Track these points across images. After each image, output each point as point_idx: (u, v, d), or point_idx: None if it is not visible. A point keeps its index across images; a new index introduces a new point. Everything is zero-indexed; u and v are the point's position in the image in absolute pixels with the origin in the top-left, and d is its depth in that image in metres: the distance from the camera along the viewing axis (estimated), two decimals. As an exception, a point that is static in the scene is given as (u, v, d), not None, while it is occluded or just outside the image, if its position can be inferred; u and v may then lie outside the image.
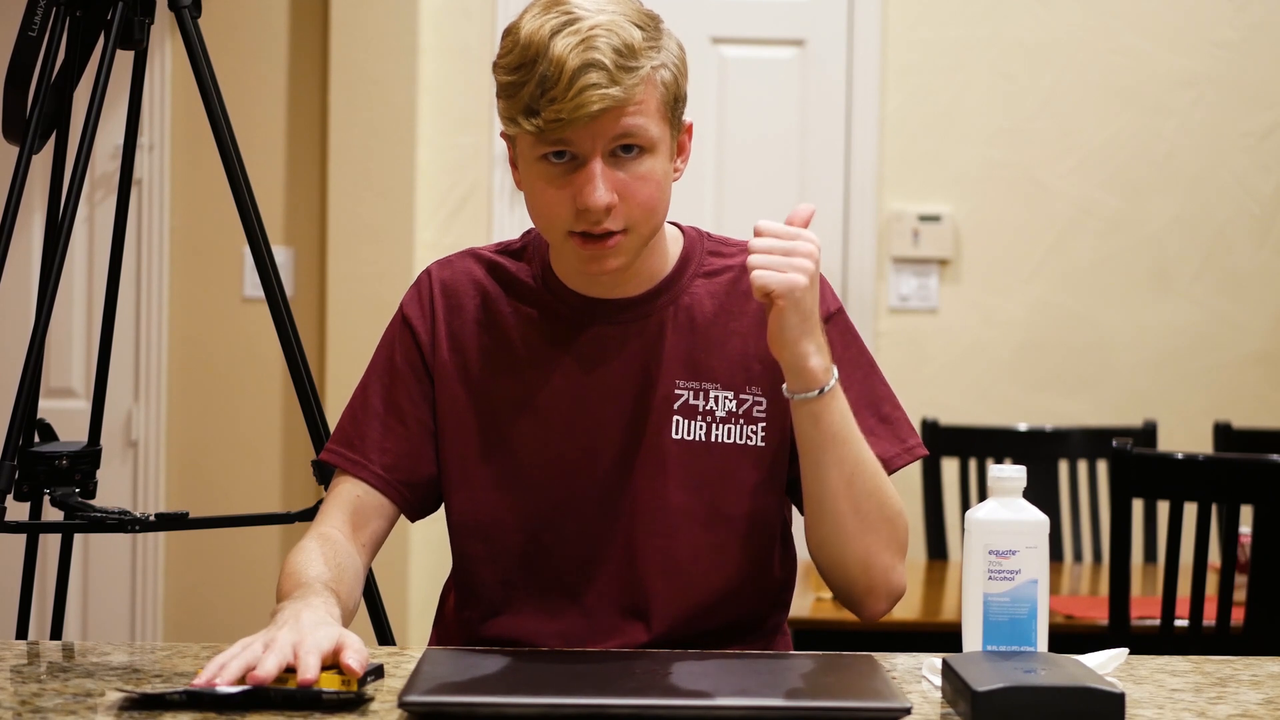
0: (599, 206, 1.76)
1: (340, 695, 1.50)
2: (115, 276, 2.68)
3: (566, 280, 1.91)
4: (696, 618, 1.88)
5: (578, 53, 1.73)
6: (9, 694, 1.57)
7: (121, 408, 4.53)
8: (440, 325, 1.92)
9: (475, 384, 1.90)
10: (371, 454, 1.90)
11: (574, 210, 1.78)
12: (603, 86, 1.73)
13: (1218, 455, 2.76)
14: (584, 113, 1.73)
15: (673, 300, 1.91)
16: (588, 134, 1.76)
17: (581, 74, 1.73)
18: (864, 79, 4.65)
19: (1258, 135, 4.66)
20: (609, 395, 1.88)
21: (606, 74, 1.73)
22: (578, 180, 1.77)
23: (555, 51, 1.73)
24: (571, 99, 1.73)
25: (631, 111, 1.76)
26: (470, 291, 1.93)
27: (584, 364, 1.88)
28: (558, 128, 1.74)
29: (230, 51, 4.41)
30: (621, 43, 1.75)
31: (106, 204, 4.46)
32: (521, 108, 1.75)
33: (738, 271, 1.92)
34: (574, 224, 1.79)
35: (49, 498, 2.56)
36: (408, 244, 4.53)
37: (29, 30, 2.51)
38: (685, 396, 1.88)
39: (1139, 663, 1.78)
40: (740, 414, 1.89)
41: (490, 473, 1.89)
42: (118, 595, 4.58)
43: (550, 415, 1.88)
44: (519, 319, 1.91)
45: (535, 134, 1.76)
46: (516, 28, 1.78)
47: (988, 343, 4.66)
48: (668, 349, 1.89)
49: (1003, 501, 1.69)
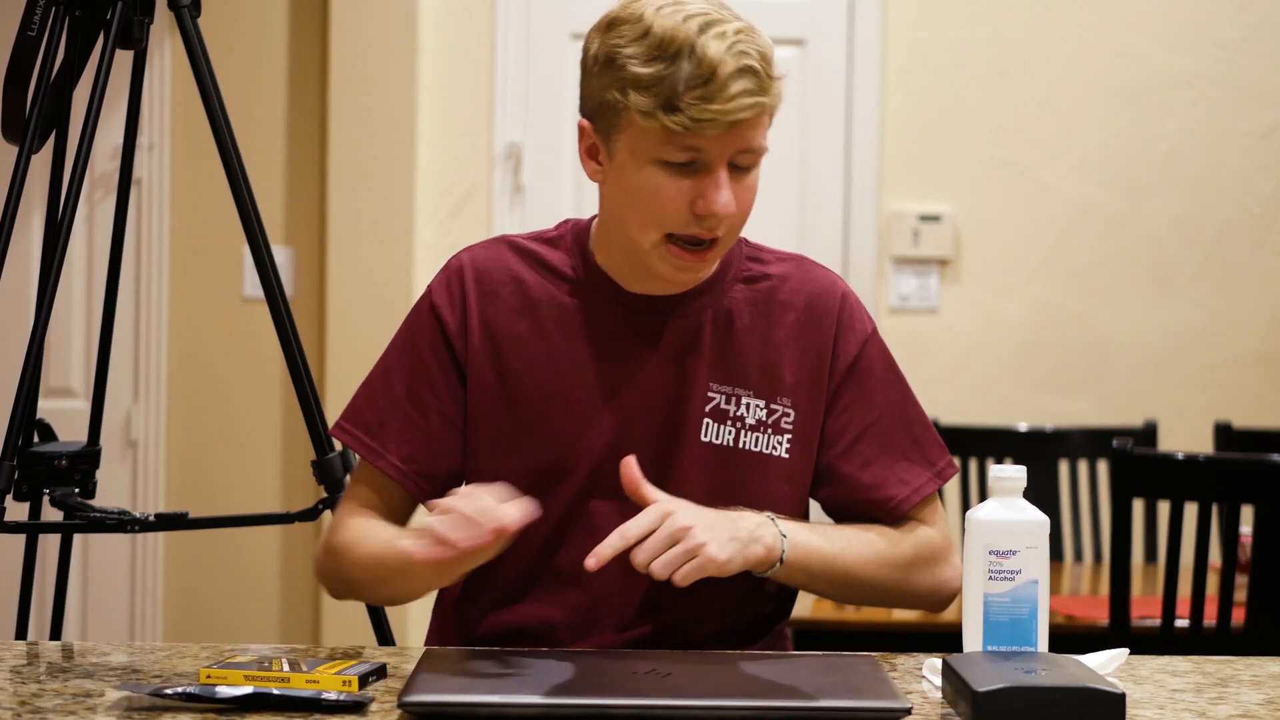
0: (727, 213, 1.76)
1: (340, 696, 1.50)
2: (115, 276, 2.68)
3: (611, 271, 1.88)
4: (704, 618, 1.88)
5: (733, 56, 1.70)
6: (9, 694, 1.57)
7: (121, 408, 4.53)
8: (472, 313, 1.89)
9: (509, 372, 1.88)
10: (390, 444, 1.89)
11: (688, 214, 1.76)
12: (755, 93, 1.72)
13: (1218, 455, 2.76)
14: (735, 117, 1.71)
15: (713, 303, 1.89)
16: (721, 143, 1.74)
17: (739, 78, 1.70)
18: (864, 79, 4.65)
19: (1258, 135, 4.66)
20: (643, 392, 1.87)
21: (758, 80, 1.72)
22: (701, 184, 1.75)
23: (709, 51, 1.70)
24: (726, 102, 1.70)
25: (763, 124, 1.76)
26: (505, 278, 1.90)
27: (620, 359, 1.87)
28: (702, 128, 1.71)
29: (230, 51, 4.41)
30: (767, 49, 1.74)
31: (106, 204, 4.46)
32: (662, 102, 1.72)
33: (776, 281, 1.92)
34: (682, 227, 1.78)
35: (49, 498, 2.56)
36: (408, 244, 4.53)
37: (29, 30, 2.51)
38: (717, 401, 1.87)
39: (1139, 663, 1.78)
40: (769, 423, 1.88)
41: (520, 462, 1.87)
42: (117, 595, 4.57)
43: (583, 407, 1.87)
44: (555, 308, 1.89)
45: (679, 130, 1.72)
46: (641, 16, 1.74)
47: (988, 343, 4.66)
48: (704, 351, 1.88)
49: (1003, 501, 1.69)
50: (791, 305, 1.91)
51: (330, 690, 1.51)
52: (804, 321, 1.90)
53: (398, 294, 4.42)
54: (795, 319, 1.89)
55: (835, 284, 1.94)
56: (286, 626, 4.60)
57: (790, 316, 1.90)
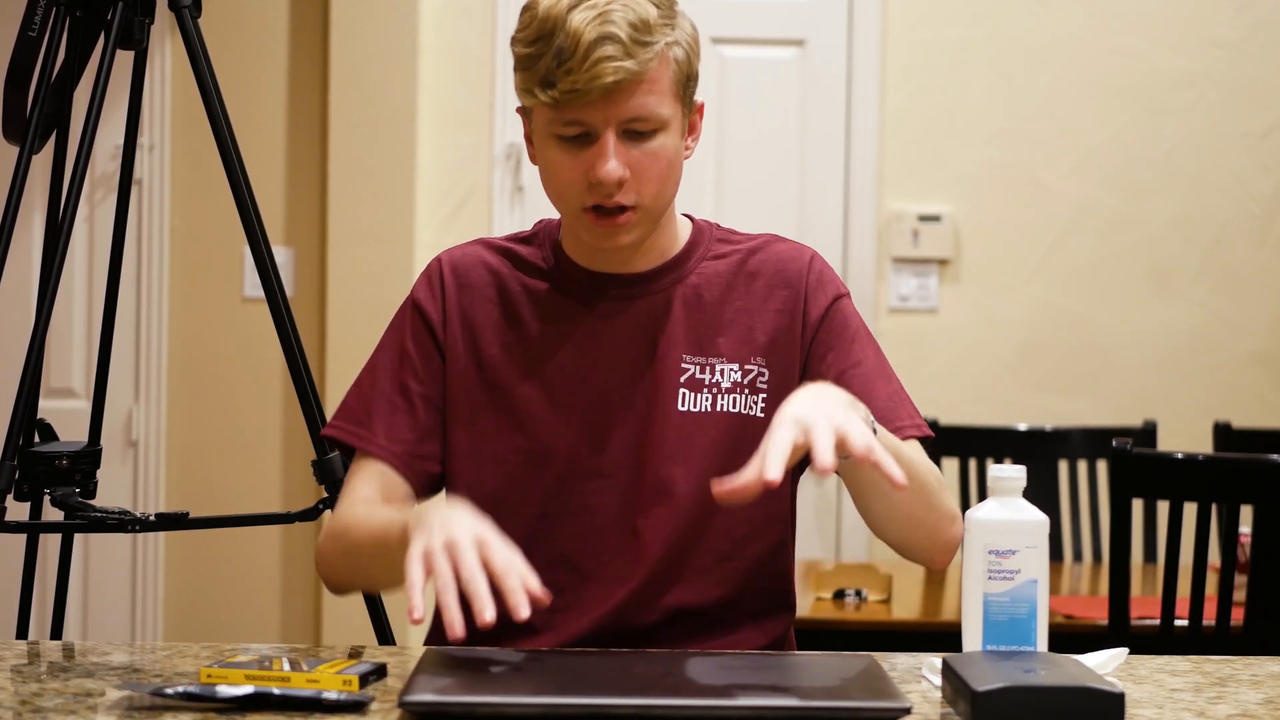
0: (611, 180, 1.80)
1: (341, 696, 1.50)
2: (115, 276, 2.68)
3: (576, 257, 1.94)
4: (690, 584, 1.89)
5: (594, 26, 1.76)
6: (9, 694, 1.58)
7: (121, 408, 4.53)
8: (451, 303, 1.94)
9: (485, 359, 1.93)
10: (378, 428, 1.92)
11: (586, 184, 1.82)
12: (617, 59, 1.77)
13: (1218, 455, 2.76)
14: (599, 84, 1.76)
15: (680, 279, 1.93)
16: (601, 111, 1.79)
17: (597, 46, 1.76)
18: (864, 79, 4.65)
19: (1258, 135, 4.66)
20: (616, 369, 1.91)
21: (621, 47, 1.77)
22: (590, 154, 1.81)
23: (572, 25, 1.76)
24: (587, 70, 1.76)
25: (644, 90, 1.80)
26: (480, 270, 1.96)
27: (592, 338, 1.91)
28: (573, 99, 1.78)
29: (230, 51, 4.41)
30: (637, 18, 1.78)
31: (106, 204, 4.47)
32: (538, 79, 1.79)
33: (744, 254, 1.96)
34: (587, 198, 1.83)
35: (49, 498, 2.56)
36: (408, 244, 4.53)
37: (29, 30, 2.51)
38: (692, 371, 1.91)
39: (1139, 662, 1.78)
40: (745, 384, 1.91)
41: (500, 446, 1.91)
42: (118, 595, 4.58)
43: (558, 388, 1.91)
44: (528, 295, 1.94)
45: (551, 106, 1.79)
46: (535, 3, 1.81)
47: (988, 343, 4.66)
48: (675, 325, 1.91)
49: (1003, 501, 1.69)
50: (760, 272, 1.95)
51: (331, 690, 1.51)
52: (774, 284, 1.94)
53: (398, 294, 4.37)
54: (764, 283, 1.94)
55: (804, 250, 1.98)
56: (287, 626, 4.60)
57: (759, 282, 1.94)
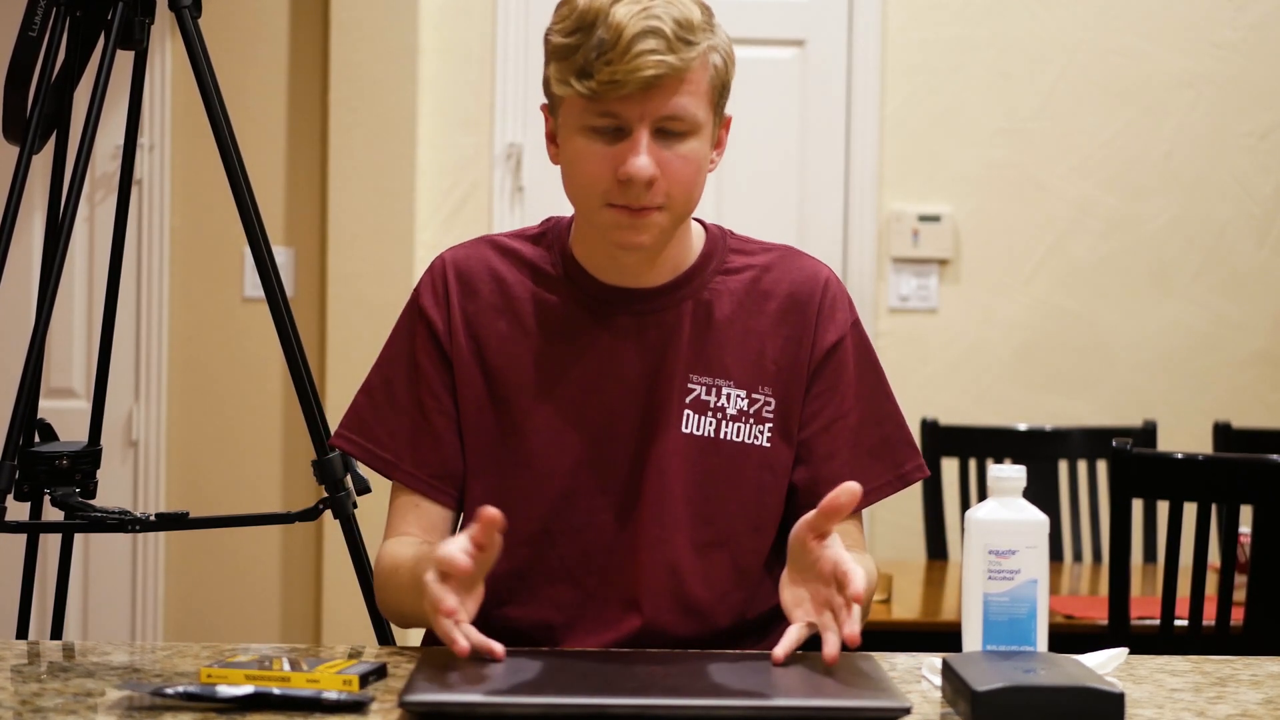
0: (642, 177, 1.77)
1: (341, 696, 1.50)
2: (115, 276, 2.68)
3: (588, 266, 1.90)
4: (691, 614, 1.88)
5: (639, 19, 1.74)
6: (9, 694, 1.58)
7: (122, 408, 4.53)
8: (455, 311, 1.91)
9: (491, 370, 1.90)
10: (404, 454, 1.91)
11: (614, 180, 1.78)
12: (660, 53, 1.74)
13: (1218, 455, 2.76)
14: (639, 76, 1.74)
15: (693, 295, 1.90)
16: (637, 106, 1.76)
17: (640, 40, 1.73)
18: (864, 79, 4.65)
19: (1258, 135, 4.66)
20: (623, 385, 1.88)
21: (665, 41, 1.74)
22: (622, 149, 1.78)
23: (615, 17, 1.74)
24: (628, 62, 1.73)
25: (683, 89, 1.77)
26: (485, 277, 1.92)
27: (600, 353, 1.89)
28: (610, 90, 1.74)
29: (230, 51, 4.41)
30: (682, 15, 1.76)
31: (106, 204, 4.47)
32: (575, 70, 1.76)
33: (759, 271, 1.93)
34: (614, 196, 1.79)
35: (49, 498, 2.56)
36: (408, 244, 4.53)
37: (29, 30, 2.51)
38: (698, 392, 1.88)
39: (1139, 662, 1.78)
40: (751, 413, 1.89)
41: (505, 458, 1.89)
42: (118, 595, 4.58)
43: (564, 402, 1.88)
44: (536, 305, 1.91)
45: (586, 97, 1.76)
46: None
47: (988, 343, 4.66)
48: (684, 343, 1.89)
49: (1003, 501, 1.69)
50: (774, 294, 1.92)
51: (331, 690, 1.51)
52: (786, 309, 1.91)
53: (398, 294, 4.40)
54: (777, 307, 1.91)
55: (819, 272, 1.95)
56: (287, 626, 4.60)
57: (772, 305, 1.91)
